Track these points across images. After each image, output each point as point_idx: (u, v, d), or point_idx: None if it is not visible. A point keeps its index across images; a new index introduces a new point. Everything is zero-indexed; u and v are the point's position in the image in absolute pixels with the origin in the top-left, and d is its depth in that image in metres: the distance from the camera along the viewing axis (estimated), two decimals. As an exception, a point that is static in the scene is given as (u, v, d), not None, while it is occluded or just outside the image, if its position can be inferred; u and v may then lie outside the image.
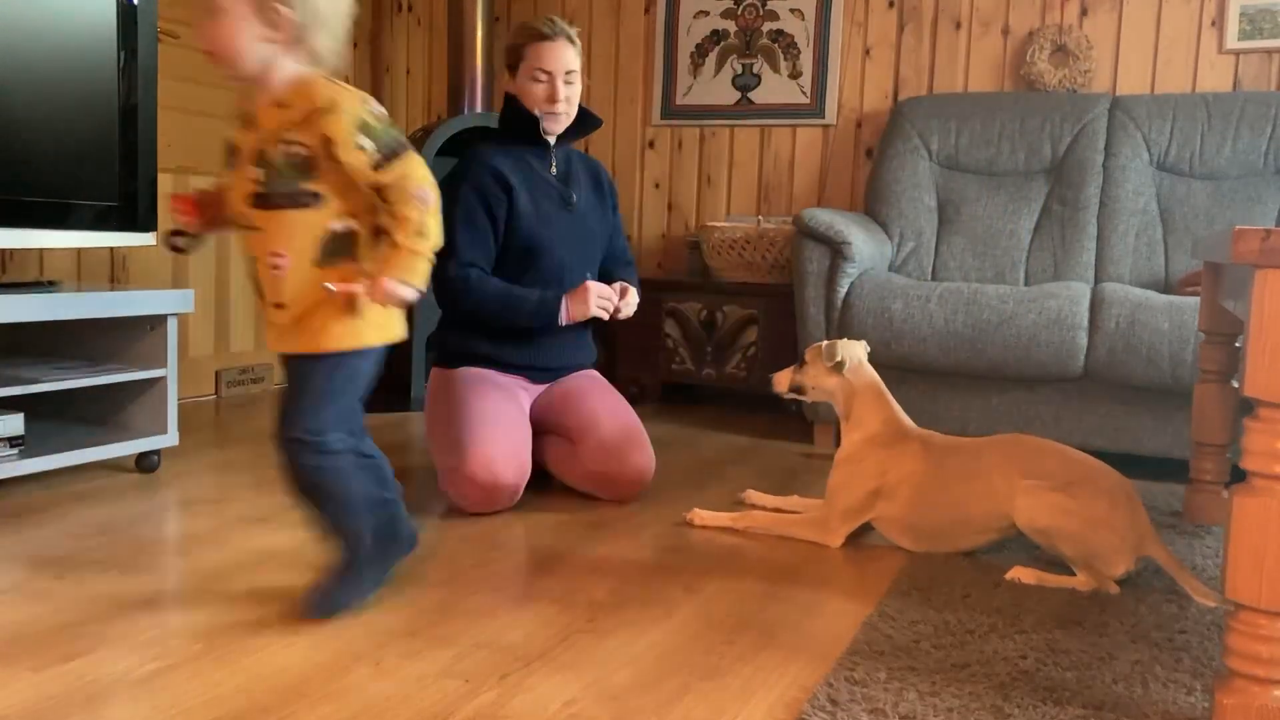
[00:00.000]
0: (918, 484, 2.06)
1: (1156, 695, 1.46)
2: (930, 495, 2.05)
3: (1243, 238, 1.26)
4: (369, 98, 1.60)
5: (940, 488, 2.04)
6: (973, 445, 2.07)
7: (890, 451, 2.10)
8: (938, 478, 2.05)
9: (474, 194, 2.37)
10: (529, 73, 2.39)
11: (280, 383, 3.93)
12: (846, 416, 2.19)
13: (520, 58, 2.40)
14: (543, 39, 2.38)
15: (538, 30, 2.39)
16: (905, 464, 2.08)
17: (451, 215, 2.33)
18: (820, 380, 2.20)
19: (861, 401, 2.16)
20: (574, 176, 2.52)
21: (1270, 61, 3.42)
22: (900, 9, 3.86)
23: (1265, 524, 1.27)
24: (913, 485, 2.07)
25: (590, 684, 1.46)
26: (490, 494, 2.24)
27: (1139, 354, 2.72)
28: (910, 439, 2.12)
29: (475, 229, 2.37)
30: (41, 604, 1.69)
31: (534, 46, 2.38)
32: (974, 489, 2.00)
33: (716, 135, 4.16)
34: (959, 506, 2.02)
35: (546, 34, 2.38)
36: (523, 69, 2.40)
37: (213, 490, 2.44)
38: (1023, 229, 3.42)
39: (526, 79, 2.40)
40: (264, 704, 1.36)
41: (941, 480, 2.04)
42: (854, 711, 1.38)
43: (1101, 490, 1.89)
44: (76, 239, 2.52)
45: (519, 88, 2.42)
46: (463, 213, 2.36)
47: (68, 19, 2.44)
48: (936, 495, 2.04)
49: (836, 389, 2.19)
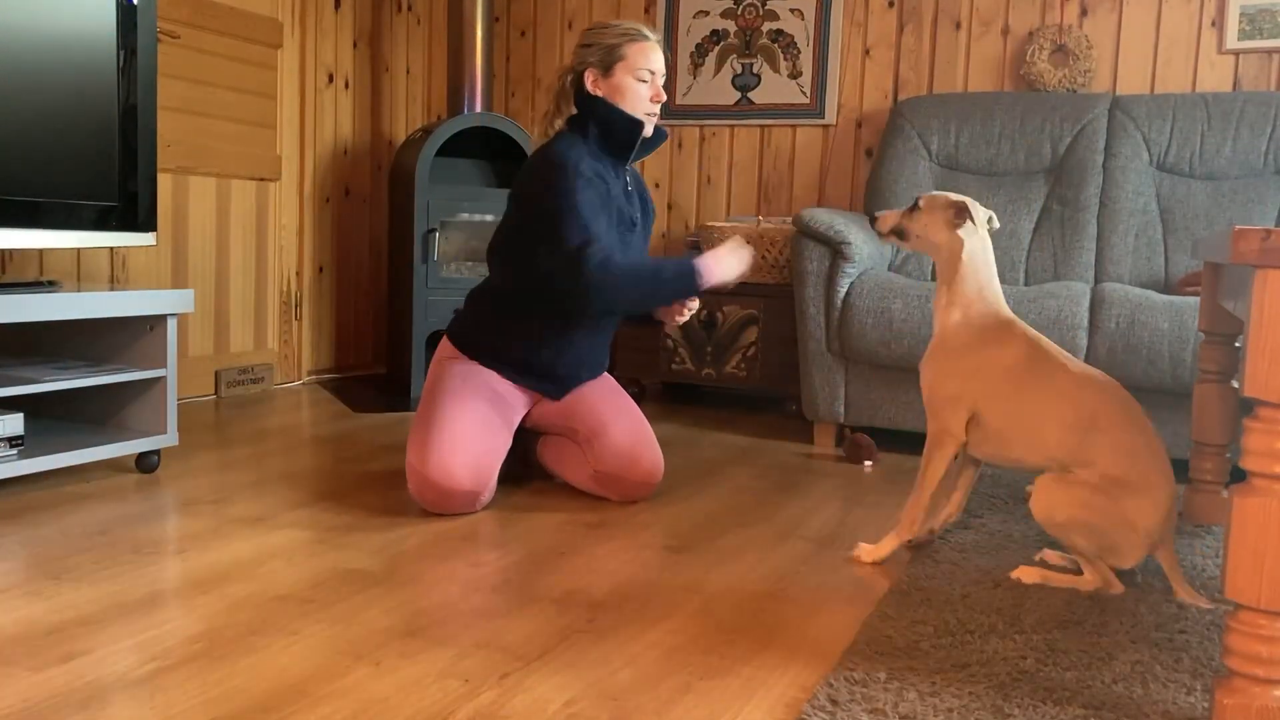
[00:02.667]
0: (1010, 381, 1.93)
1: (1156, 695, 1.46)
2: (1018, 396, 1.92)
3: (1243, 238, 1.26)
4: None
5: (1030, 393, 1.92)
6: (1075, 372, 1.92)
7: (988, 336, 1.97)
8: (1031, 382, 1.92)
9: (594, 183, 2.28)
10: (631, 71, 2.33)
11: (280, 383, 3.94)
12: (948, 282, 2.01)
13: (619, 57, 2.33)
14: (644, 39, 2.35)
15: (637, 30, 2.36)
16: (1003, 355, 1.95)
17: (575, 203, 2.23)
18: (933, 231, 2.02)
19: (969, 268, 2.00)
20: (633, 195, 2.47)
21: (1270, 61, 3.42)
22: (900, 9, 3.86)
23: (1265, 524, 1.27)
24: (1003, 381, 1.94)
25: (590, 684, 1.46)
26: (445, 497, 2.23)
27: (1139, 354, 2.72)
28: (1014, 329, 1.97)
29: (601, 215, 2.27)
30: (41, 604, 1.69)
31: (636, 45, 2.34)
32: (1060, 412, 1.89)
33: (716, 135, 4.16)
34: (1038, 421, 1.91)
35: (647, 35, 2.36)
36: (621, 68, 2.33)
37: (212, 490, 2.44)
38: (1023, 229, 3.42)
39: (627, 76, 2.33)
40: (264, 704, 1.36)
41: (1033, 386, 1.92)
42: (854, 711, 1.38)
43: (1146, 493, 1.83)
44: (76, 239, 2.52)
45: (613, 87, 2.34)
46: (589, 200, 2.25)
47: (68, 19, 2.44)
48: (1023, 399, 1.92)
49: (945, 246, 2.01)
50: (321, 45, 4.07)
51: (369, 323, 4.45)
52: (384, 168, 4.44)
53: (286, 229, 3.98)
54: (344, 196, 4.24)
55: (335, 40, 4.14)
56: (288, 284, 4.01)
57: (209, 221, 3.66)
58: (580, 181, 2.25)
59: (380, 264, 4.46)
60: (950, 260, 2.02)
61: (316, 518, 2.23)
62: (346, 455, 2.84)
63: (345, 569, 1.90)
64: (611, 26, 2.37)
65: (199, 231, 3.63)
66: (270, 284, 3.93)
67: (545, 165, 2.29)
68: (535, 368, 2.41)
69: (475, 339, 2.42)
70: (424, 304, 3.77)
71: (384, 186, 4.44)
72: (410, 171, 3.76)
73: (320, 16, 4.06)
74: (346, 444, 2.98)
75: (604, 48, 2.35)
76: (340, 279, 4.26)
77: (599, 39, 2.37)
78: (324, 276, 4.18)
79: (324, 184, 4.13)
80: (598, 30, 2.39)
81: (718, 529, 2.26)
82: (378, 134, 4.41)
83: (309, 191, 4.07)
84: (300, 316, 4.07)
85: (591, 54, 2.36)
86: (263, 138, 3.83)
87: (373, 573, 1.89)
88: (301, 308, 4.07)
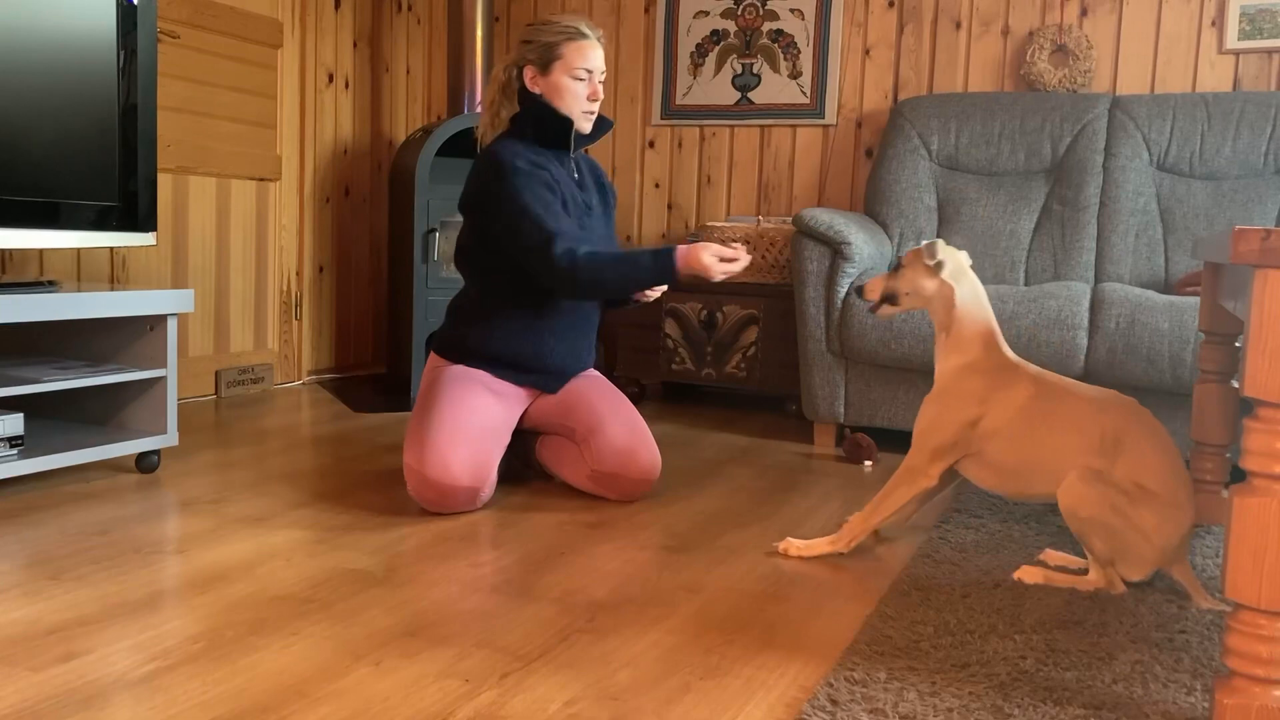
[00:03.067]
0: (1024, 420, 1.92)
1: (1156, 695, 1.46)
2: (1033, 434, 1.91)
3: (1243, 238, 1.26)
4: None
5: (1046, 429, 1.90)
6: (1091, 398, 1.91)
7: (994, 379, 1.96)
8: (1045, 418, 1.91)
9: (534, 176, 2.29)
10: (568, 70, 2.36)
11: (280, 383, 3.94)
12: (946, 329, 2.01)
13: (556, 56, 2.36)
14: (582, 37, 2.37)
15: (576, 29, 2.37)
16: (1013, 396, 1.93)
17: (523, 203, 2.26)
18: (917, 284, 2.02)
19: (964, 314, 1.99)
20: (585, 181, 2.51)
21: (1270, 61, 3.42)
22: (900, 9, 3.86)
23: (1265, 524, 1.27)
24: (1017, 421, 1.92)
25: (590, 684, 1.46)
26: (444, 495, 2.23)
27: (1139, 354, 2.72)
28: (1019, 370, 1.97)
29: (552, 205, 2.28)
30: (41, 604, 1.69)
31: (574, 44, 2.36)
32: (1082, 442, 1.87)
33: (716, 135, 4.16)
34: (1059, 455, 1.89)
35: (586, 33, 2.38)
36: (558, 67, 2.36)
37: (212, 490, 2.44)
38: (1023, 229, 3.42)
39: (564, 76, 2.36)
40: (264, 704, 1.36)
41: (1048, 422, 1.90)
42: (854, 711, 1.38)
43: (1169, 512, 1.82)
44: (76, 239, 2.52)
45: (550, 85, 2.38)
46: (533, 196, 2.27)
47: (67, 19, 2.44)
48: (1040, 435, 1.90)
49: (936, 295, 2.01)
50: (321, 45, 4.07)
51: (369, 323, 4.45)
52: (384, 168, 4.44)
53: (286, 229, 3.98)
54: (344, 196, 4.24)
55: (335, 40, 4.14)
56: (288, 284, 4.01)
57: (209, 221, 3.66)
58: (519, 179, 2.28)
59: (380, 264, 4.46)
60: (945, 308, 2.02)
61: (316, 518, 2.23)
62: (346, 455, 2.84)
63: (345, 569, 1.90)
64: (551, 24, 2.39)
65: (199, 231, 3.63)
66: (270, 284, 3.93)
67: (485, 170, 2.34)
68: (525, 363, 2.43)
69: (461, 346, 2.43)
70: (424, 304, 3.77)
71: (384, 186, 4.44)
72: (410, 171, 3.76)
73: (320, 16, 4.06)
74: (346, 444, 2.98)
75: (542, 45, 2.38)
76: (340, 279, 4.26)
77: (538, 36, 2.39)
78: (324, 276, 4.18)
79: (324, 184, 4.13)
80: (538, 27, 2.40)
81: (717, 529, 2.26)
82: (378, 134, 4.41)
83: (309, 191, 4.07)
84: (300, 316, 4.07)
85: (530, 51, 2.39)
86: (263, 138, 3.83)
87: (373, 573, 1.89)
88: (301, 308, 4.07)
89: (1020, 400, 1.93)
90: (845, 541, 2.06)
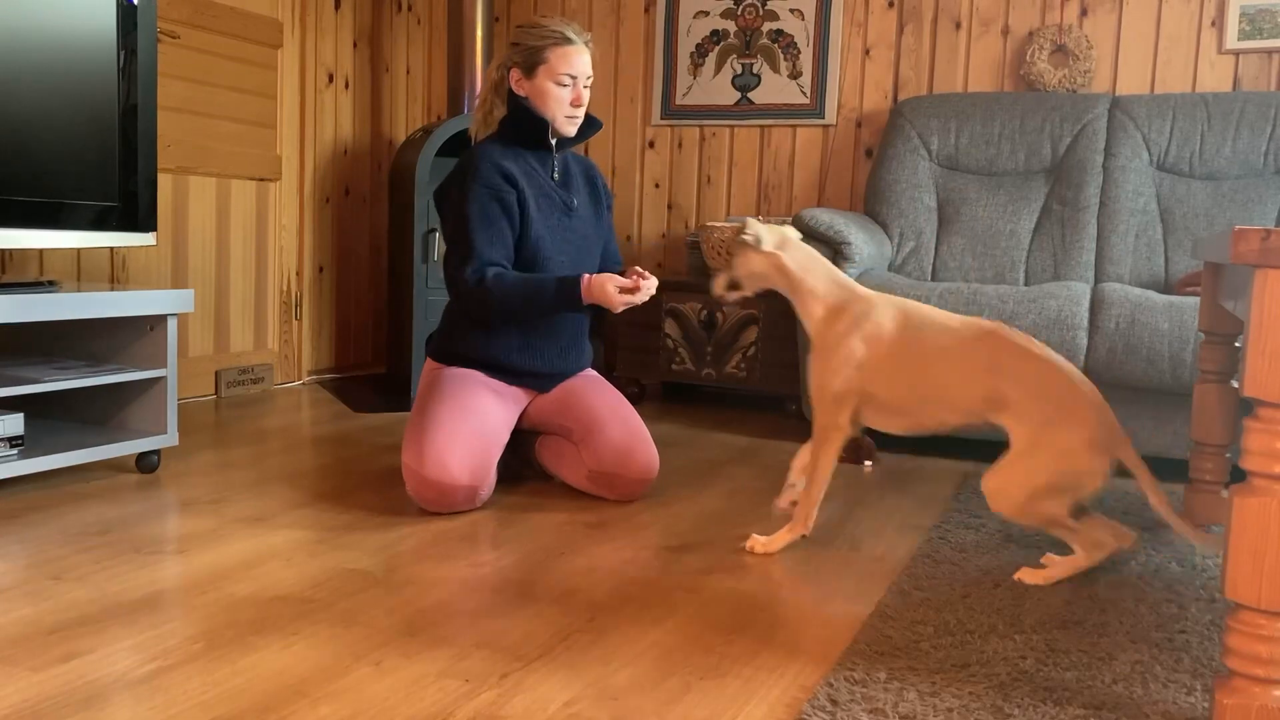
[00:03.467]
0: (900, 353, 1.98)
1: (1156, 695, 1.46)
2: (913, 366, 1.97)
3: (1243, 238, 1.26)
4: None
5: (924, 360, 1.96)
6: (955, 327, 1.98)
7: (855, 313, 2.02)
8: (918, 351, 1.97)
9: (487, 191, 2.34)
10: (551, 76, 2.37)
11: (280, 383, 3.94)
12: (795, 293, 2.08)
13: (540, 60, 2.37)
14: (568, 43, 2.37)
15: (562, 34, 2.37)
16: (881, 325, 2.00)
17: (465, 214, 2.32)
18: (750, 266, 2.10)
19: (801, 273, 2.07)
20: (572, 181, 2.52)
21: (1270, 61, 3.42)
22: (900, 9, 3.86)
23: (1265, 524, 1.27)
24: (894, 354, 1.99)
25: (590, 684, 1.46)
26: (444, 495, 2.23)
27: (1139, 354, 2.72)
28: (875, 300, 2.03)
29: (492, 227, 2.33)
30: (41, 604, 1.69)
31: (559, 50, 2.36)
32: (956, 371, 1.94)
33: (716, 135, 4.16)
34: (941, 386, 1.95)
35: (571, 39, 2.37)
36: (543, 71, 2.37)
37: (212, 490, 2.44)
38: (1023, 229, 3.42)
39: (547, 81, 2.37)
40: (264, 704, 1.36)
41: (922, 354, 1.97)
42: (854, 711, 1.38)
43: (1075, 414, 1.86)
44: (76, 239, 2.52)
45: (534, 89, 2.39)
46: (478, 210, 2.33)
47: (68, 19, 2.44)
48: (919, 367, 1.97)
49: (770, 269, 2.08)
50: (321, 45, 4.07)
51: (369, 323, 4.45)
52: (384, 168, 4.44)
53: (286, 229, 3.98)
54: (344, 196, 4.24)
55: (335, 40, 4.14)
56: (288, 284, 4.01)
57: (209, 221, 3.66)
58: (475, 189, 2.33)
59: (380, 264, 4.46)
60: (782, 277, 2.09)
61: (316, 518, 2.23)
62: (346, 455, 2.84)
63: (345, 569, 1.91)
64: (539, 27, 2.39)
65: (199, 231, 3.63)
66: (270, 284, 3.94)
67: (458, 170, 2.39)
68: (515, 366, 2.43)
69: (456, 350, 2.43)
70: (424, 304, 3.77)
71: (384, 186, 4.44)
72: (410, 171, 3.76)
73: (320, 16, 4.06)
74: (346, 444, 2.98)
75: (528, 49, 2.38)
76: (340, 279, 4.26)
77: (525, 39, 2.40)
78: (324, 276, 4.18)
79: (324, 184, 4.13)
80: (526, 30, 2.41)
81: (717, 529, 2.26)
82: (378, 134, 4.41)
83: (309, 191, 4.07)
84: (300, 316, 4.07)
85: (517, 54, 2.41)
86: (263, 138, 3.83)
87: (373, 573, 1.89)
88: (301, 308, 4.07)
89: (889, 330, 2.00)
90: (803, 523, 2.10)
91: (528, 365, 2.44)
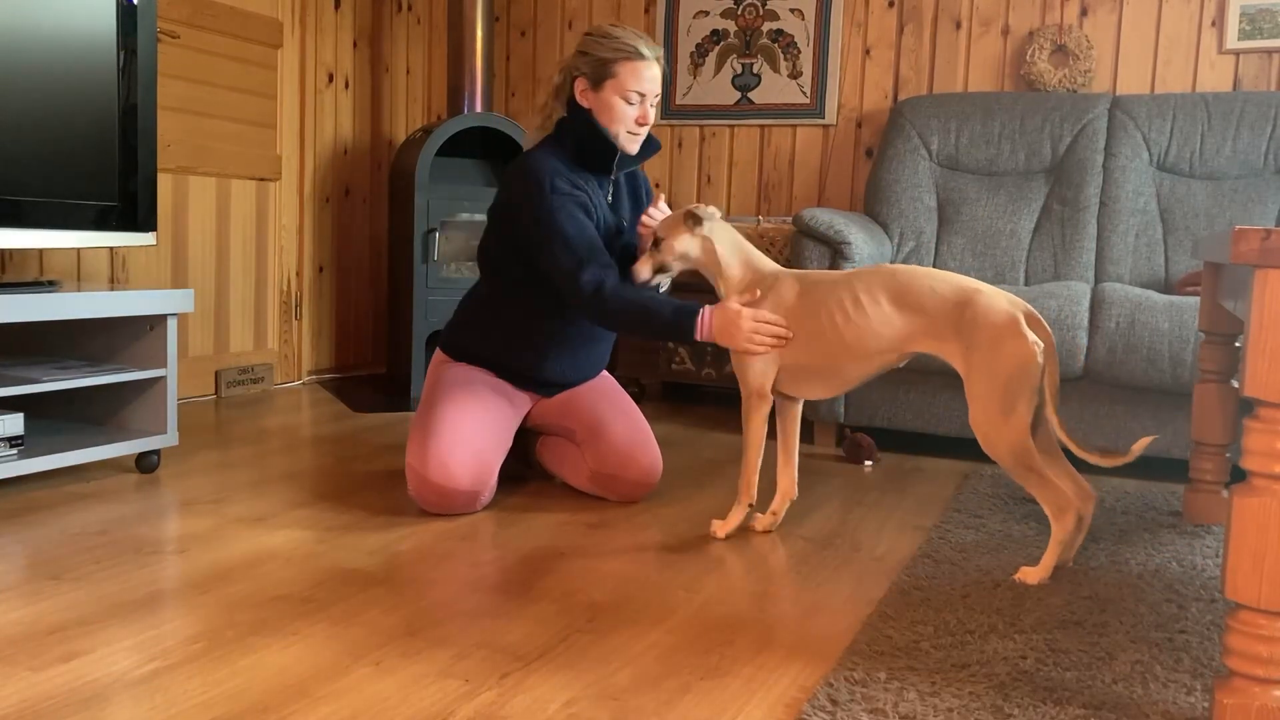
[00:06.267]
0: (802, 317, 2.08)
1: (1156, 695, 1.46)
2: (816, 326, 2.07)
3: (1243, 238, 1.26)
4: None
5: (824, 319, 2.06)
6: (842, 274, 2.10)
7: (768, 294, 2.12)
8: (814, 308, 2.07)
9: (570, 199, 2.23)
10: (619, 91, 2.25)
11: (280, 383, 3.94)
12: (718, 275, 2.17)
13: (610, 74, 2.25)
14: (640, 58, 2.25)
15: (635, 48, 2.25)
16: (783, 296, 2.11)
17: (558, 226, 2.20)
18: (683, 250, 2.16)
19: (728, 256, 2.16)
20: (622, 202, 2.44)
21: (1270, 61, 3.42)
22: (900, 9, 3.86)
23: (1265, 524, 1.27)
24: (797, 320, 2.09)
25: (590, 684, 1.46)
26: (445, 498, 2.23)
27: (1139, 354, 2.72)
28: (781, 274, 2.14)
29: (587, 231, 2.22)
30: (41, 604, 1.69)
31: (630, 65, 2.25)
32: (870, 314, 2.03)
33: (716, 135, 4.16)
34: (855, 334, 2.04)
35: (644, 54, 2.26)
36: (610, 85, 2.25)
37: (212, 490, 2.44)
38: (1023, 229, 3.42)
39: (614, 96, 2.26)
40: (264, 704, 1.36)
41: (816, 310, 2.07)
42: (854, 711, 1.38)
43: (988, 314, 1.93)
44: (76, 239, 2.52)
45: (600, 102, 2.28)
46: (567, 218, 2.21)
47: (67, 19, 2.44)
48: (821, 327, 2.06)
49: (701, 250, 2.16)
50: (321, 45, 4.07)
51: (369, 323, 4.45)
52: (384, 168, 4.44)
53: (286, 229, 3.98)
54: (344, 196, 4.24)
55: (335, 40, 4.14)
56: (288, 284, 4.01)
57: (209, 221, 3.66)
58: (556, 200, 2.21)
59: (380, 264, 4.46)
60: (711, 259, 2.17)
61: (316, 518, 2.23)
62: (346, 455, 2.84)
63: (345, 569, 1.91)
64: (611, 38, 2.27)
65: (199, 231, 3.63)
66: (270, 284, 3.93)
67: (522, 181, 2.26)
68: (522, 371, 2.42)
69: (468, 346, 2.42)
70: (424, 304, 3.77)
71: (384, 186, 4.44)
72: (410, 171, 3.76)
73: (320, 16, 4.06)
74: (346, 444, 2.98)
75: (597, 60, 2.27)
76: (340, 279, 4.26)
77: (595, 49, 2.28)
78: (324, 276, 4.18)
79: (324, 184, 4.13)
80: (597, 39, 2.29)
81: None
82: (378, 134, 4.41)
83: (309, 191, 4.07)
84: (300, 316, 4.07)
85: (585, 63, 2.29)
86: (263, 138, 3.83)
87: (373, 573, 1.89)
88: (301, 308, 4.07)
89: (790, 299, 2.10)
90: (746, 496, 2.21)
91: (540, 374, 2.43)
